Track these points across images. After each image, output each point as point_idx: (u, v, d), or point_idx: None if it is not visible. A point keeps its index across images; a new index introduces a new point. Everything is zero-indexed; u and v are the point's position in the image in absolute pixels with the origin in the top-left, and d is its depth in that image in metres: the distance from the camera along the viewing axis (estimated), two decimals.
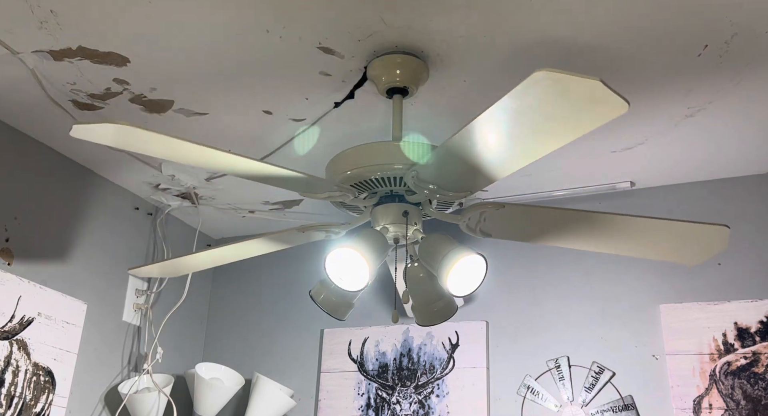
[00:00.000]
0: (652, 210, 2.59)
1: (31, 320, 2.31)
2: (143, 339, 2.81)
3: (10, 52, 1.94)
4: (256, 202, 2.91)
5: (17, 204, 2.36)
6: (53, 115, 2.27)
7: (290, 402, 2.76)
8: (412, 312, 1.91)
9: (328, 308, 1.87)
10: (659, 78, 1.96)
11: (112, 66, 2.00)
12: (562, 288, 2.64)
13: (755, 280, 2.39)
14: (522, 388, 2.56)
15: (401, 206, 1.80)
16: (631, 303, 2.53)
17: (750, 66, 1.90)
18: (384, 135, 2.26)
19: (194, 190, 2.81)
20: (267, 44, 1.87)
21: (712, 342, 2.36)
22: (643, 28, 1.75)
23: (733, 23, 1.72)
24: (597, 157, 2.43)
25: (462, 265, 1.70)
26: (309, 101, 2.14)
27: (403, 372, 2.74)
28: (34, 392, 2.30)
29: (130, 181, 2.76)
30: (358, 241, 1.71)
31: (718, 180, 2.56)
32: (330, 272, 1.73)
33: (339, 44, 1.86)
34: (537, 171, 2.53)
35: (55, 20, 1.80)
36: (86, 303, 2.54)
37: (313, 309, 2.80)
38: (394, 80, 1.90)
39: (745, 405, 2.25)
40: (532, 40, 1.81)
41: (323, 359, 2.89)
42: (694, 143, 2.32)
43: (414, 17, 1.74)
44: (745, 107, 2.10)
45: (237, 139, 2.38)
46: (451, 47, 1.86)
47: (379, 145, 1.77)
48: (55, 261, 2.47)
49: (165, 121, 2.28)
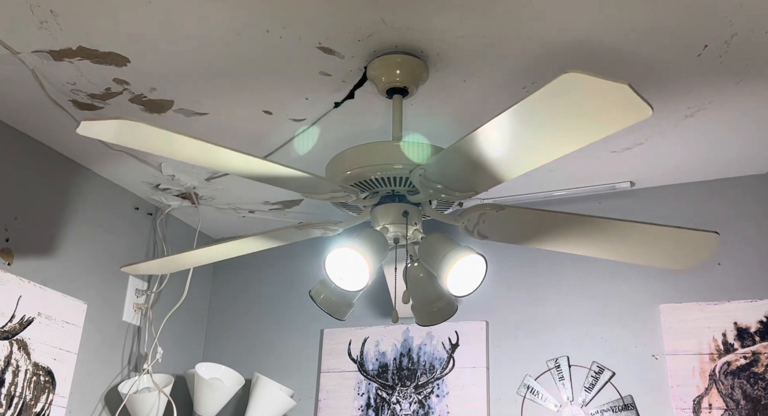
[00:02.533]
0: (652, 210, 2.59)
1: (31, 320, 2.31)
2: (143, 339, 2.81)
3: (10, 52, 1.94)
4: (256, 202, 2.91)
5: (17, 204, 2.36)
6: (53, 115, 2.27)
7: (290, 402, 2.76)
8: (412, 312, 1.91)
9: (328, 308, 1.87)
10: (659, 78, 1.96)
11: (112, 66, 2.00)
12: (562, 288, 2.64)
13: (755, 280, 2.39)
14: (522, 388, 2.56)
15: (401, 206, 1.80)
16: (631, 303, 2.53)
17: (750, 66, 1.90)
18: (384, 135, 2.26)
19: (194, 190, 2.81)
20: (267, 44, 1.87)
21: (711, 342, 2.36)
22: (643, 28, 1.75)
23: (733, 23, 1.72)
24: (597, 157, 2.43)
25: (462, 265, 1.70)
26: (309, 101, 2.14)
27: (403, 372, 2.74)
28: (34, 392, 2.30)
29: (131, 181, 2.76)
30: (358, 241, 1.71)
31: (718, 180, 2.56)
32: (330, 272, 1.73)
33: (339, 44, 1.86)
34: (537, 171, 2.50)
35: (55, 20, 1.80)
36: (86, 303, 2.54)
37: (313, 309, 2.80)
38: (394, 80, 1.90)
39: (744, 405, 2.25)
40: (532, 40, 1.81)
41: (323, 359, 2.89)
42: (694, 143, 2.32)
43: (414, 17, 1.75)
44: (745, 107, 2.10)
45: (237, 139, 2.38)
46: (451, 47, 1.86)
47: (380, 145, 1.77)
48: (55, 261, 2.47)
49: (165, 121, 2.28)
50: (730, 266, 2.44)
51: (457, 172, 1.60)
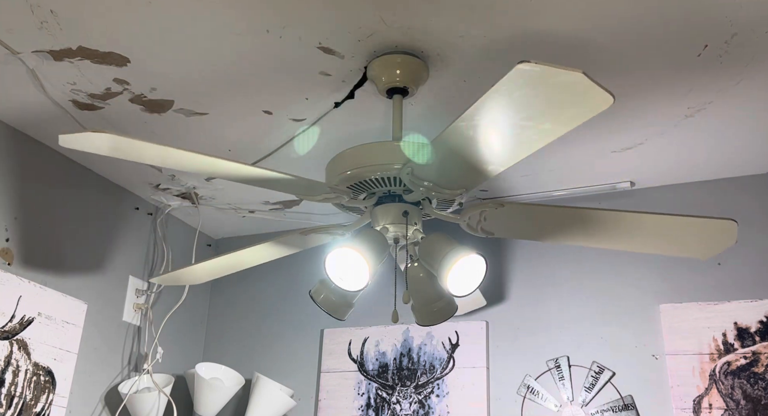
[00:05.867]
0: (652, 210, 2.59)
1: (31, 320, 2.31)
2: (143, 339, 2.81)
3: (10, 52, 1.94)
4: (256, 202, 2.91)
5: (17, 204, 2.36)
6: (53, 115, 2.27)
7: (290, 402, 2.76)
8: (412, 312, 1.91)
9: (328, 308, 1.87)
10: (659, 78, 1.96)
11: (112, 66, 2.00)
12: (562, 288, 2.64)
13: (755, 280, 2.39)
14: (522, 388, 2.56)
15: (401, 206, 1.80)
16: (631, 303, 2.53)
17: (750, 66, 1.90)
18: (384, 135, 2.26)
19: (194, 190, 2.81)
20: (267, 44, 1.87)
21: (712, 342, 2.36)
22: (643, 28, 1.75)
23: (733, 23, 1.72)
24: (597, 157, 2.43)
25: (462, 265, 1.70)
26: (309, 101, 2.14)
27: (403, 372, 2.74)
28: (35, 392, 2.30)
29: (131, 181, 2.76)
30: (358, 241, 1.71)
31: (718, 180, 2.56)
32: (330, 272, 1.73)
33: (339, 44, 1.86)
34: (537, 171, 2.53)
35: (55, 20, 1.80)
36: (86, 303, 2.54)
37: (313, 309, 2.81)
38: (394, 80, 1.90)
39: (744, 405, 2.25)
40: (533, 40, 1.81)
41: (323, 359, 2.89)
42: (694, 143, 2.33)
43: (414, 17, 1.75)
44: (745, 107, 2.10)
45: (237, 139, 2.38)
46: (451, 47, 1.86)
47: (377, 145, 1.77)
48: (55, 261, 2.47)
49: (165, 121, 2.28)
50: (730, 266, 2.44)
51: (441, 169, 1.60)
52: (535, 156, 2.40)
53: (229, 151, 2.46)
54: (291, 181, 1.66)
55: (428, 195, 1.73)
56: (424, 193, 1.72)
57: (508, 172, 2.52)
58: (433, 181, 1.66)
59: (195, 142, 2.41)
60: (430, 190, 1.69)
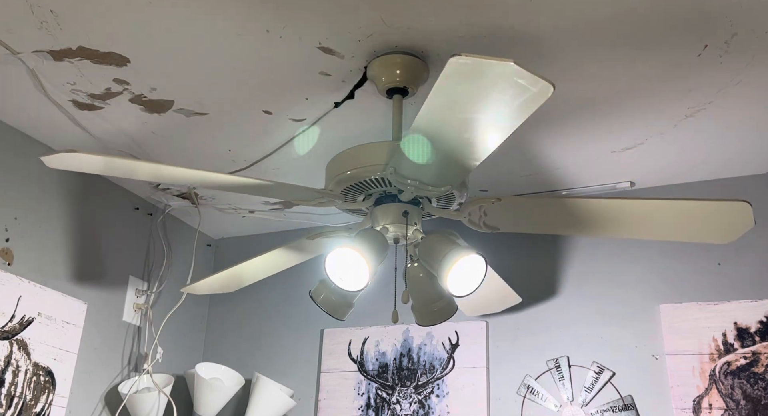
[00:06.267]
0: None
1: (31, 320, 2.31)
2: (143, 339, 2.81)
3: (10, 52, 1.94)
4: (256, 202, 2.91)
5: (17, 204, 2.36)
6: (53, 115, 2.27)
7: (290, 402, 2.76)
8: (412, 312, 1.91)
9: (328, 308, 1.88)
10: (659, 78, 1.96)
11: (112, 66, 2.00)
12: (562, 288, 2.64)
13: (755, 280, 2.39)
14: (522, 388, 2.56)
15: (401, 206, 1.80)
16: (631, 303, 2.53)
17: (750, 66, 1.90)
18: (384, 135, 2.26)
19: (194, 190, 2.81)
20: (267, 44, 1.87)
21: (711, 342, 2.36)
22: (643, 28, 1.75)
23: (733, 23, 1.72)
24: (597, 157, 2.43)
25: (461, 265, 1.70)
26: (309, 101, 2.14)
27: (403, 372, 2.74)
28: (34, 392, 2.30)
29: (130, 181, 2.76)
30: (358, 241, 1.71)
31: (718, 180, 2.56)
32: (330, 272, 1.73)
33: (339, 44, 1.86)
34: (537, 171, 2.53)
35: (55, 20, 1.80)
36: (86, 303, 2.54)
37: (313, 309, 2.81)
38: (394, 80, 1.91)
39: (744, 405, 2.25)
40: (533, 40, 1.81)
41: (323, 359, 2.89)
42: (694, 143, 2.32)
43: (414, 17, 1.75)
44: (745, 107, 2.10)
45: (237, 139, 2.38)
46: (451, 47, 1.85)
47: (368, 147, 1.77)
48: (55, 261, 2.47)
49: (165, 121, 2.28)
50: (730, 266, 2.44)
51: (419, 167, 1.60)
52: (535, 156, 2.42)
53: (229, 151, 2.46)
54: (282, 188, 1.67)
55: (418, 193, 1.73)
56: (413, 192, 1.72)
57: (509, 172, 2.52)
58: (417, 178, 1.66)
59: (195, 142, 2.41)
60: (418, 188, 1.69)
